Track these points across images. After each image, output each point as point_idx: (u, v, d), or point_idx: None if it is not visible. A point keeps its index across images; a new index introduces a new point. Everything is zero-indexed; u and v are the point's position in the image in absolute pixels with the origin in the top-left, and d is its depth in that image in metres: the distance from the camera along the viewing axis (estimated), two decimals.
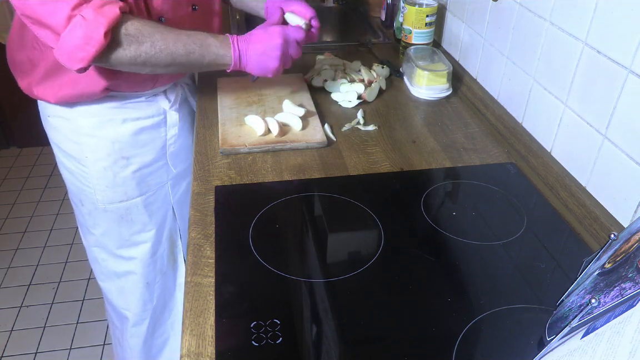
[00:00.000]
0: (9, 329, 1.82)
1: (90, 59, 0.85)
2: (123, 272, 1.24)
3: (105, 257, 1.22)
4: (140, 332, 1.31)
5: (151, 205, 1.19)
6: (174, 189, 1.23)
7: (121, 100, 1.07)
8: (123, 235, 1.19)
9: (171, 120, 1.16)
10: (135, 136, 1.11)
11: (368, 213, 0.89)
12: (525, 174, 1.01)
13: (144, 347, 1.34)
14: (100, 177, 1.10)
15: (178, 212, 1.25)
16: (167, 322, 1.36)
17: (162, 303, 1.31)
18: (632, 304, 0.49)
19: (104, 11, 0.83)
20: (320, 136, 1.07)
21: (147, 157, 1.14)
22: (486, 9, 1.18)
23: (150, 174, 1.16)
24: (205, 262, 0.78)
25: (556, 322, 0.65)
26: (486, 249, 0.83)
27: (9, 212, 2.35)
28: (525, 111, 1.07)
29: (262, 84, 1.26)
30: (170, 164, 1.19)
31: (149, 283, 1.26)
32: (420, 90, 1.26)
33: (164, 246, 1.25)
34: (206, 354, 0.65)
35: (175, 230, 1.27)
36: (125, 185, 1.13)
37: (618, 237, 0.64)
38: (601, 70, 0.83)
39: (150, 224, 1.20)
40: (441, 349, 0.66)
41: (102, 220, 1.16)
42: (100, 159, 1.09)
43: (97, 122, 1.06)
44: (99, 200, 1.13)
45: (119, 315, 1.32)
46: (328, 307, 0.72)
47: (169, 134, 1.17)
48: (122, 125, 1.08)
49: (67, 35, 0.83)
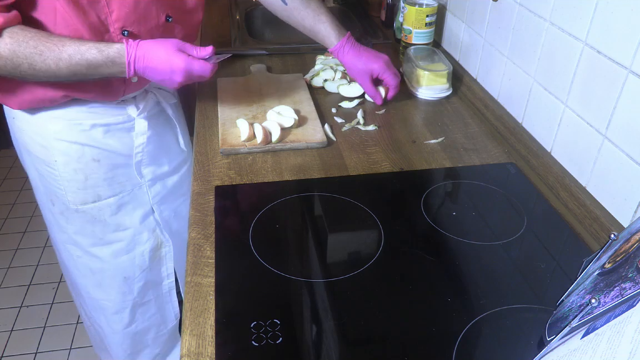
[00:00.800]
0: (9, 329, 1.83)
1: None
2: (98, 269, 1.22)
3: (80, 254, 1.20)
4: (122, 318, 1.30)
5: (126, 205, 1.16)
6: (153, 188, 1.20)
7: (87, 104, 1.03)
8: (97, 234, 1.16)
9: (139, 128, 1.11)
10: (105, 140, 1.07)
11: (368, 213, 0.89)
12: (525, 174, 1.01)
13: (127, 331, 1.33)
14: (71, 180, 1.08)
15: (158, 211, 1.22)
16: (153, 307, 1.33)
17: (145, 294, 1.29)
18: (632, 304, 0.49)
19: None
20: (320, 136, 1.07)
21: (119, 159, 1.11)
22: (486, 9, 1.18)
23: (123, 174, 1.13)
24: (205, 262, 0.78)
25: (556, 322, 0.65)
26: (486, 249, 0.83)
27: (9, 212, 2.35)
28: (525, 111, 1.07)
29: (262, 84, 1.26)
30: (136, 173, 1.15)
31: (126, 278, 1.24)
32: (420, 90, 1.26)
33: (144, 246, 1.22)
34: (206, 354, 0.65)
35: (159, 231, 1.24)
36: (97, 187, 1.10)
37: (618, 237, 0.64)
38: (601, 70, 0.83)
39: (125, 224, 1.18)
40: (441, 349, 0.66)
41: (75, 219, 1.14)
42: (70, 162, 1.06)
43: (65, 126, 1.03)
44: (70, 202, 1.11)
45: (99, 307, 1.29)
46: (328, 307, 0.72)
47: (138, 141, 1.12)
48: (91, 129, 1.05)
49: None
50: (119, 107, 1.07)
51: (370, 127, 1.14)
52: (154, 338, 1.40)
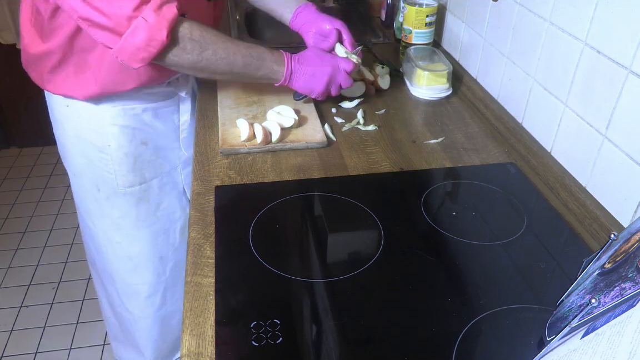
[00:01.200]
0: (9, 329, 1.83)
1: (151, 59, 0.89)
2: (136, 253, 1.29)
3: (119, 240, 1.27)
4: (154, 302, 1.37)
5: (165, 186, 1.25)
6: (185, 170, 1.29)
7: (140, 89, 1.10)
8: (140, 216, 1.24)
9: (184, 106, 1.21)
10: (153, 123, 1.16)
11: (368, 213, 0.89)
12: (525, 174, 1.01)
13: (158, 314, 1.40)
14: (122, 163, 1.15)
15: (189, 192, 1.30)
16: (180, 289, 1.40)
17: (174, 275, 1.37)
18: (632, 304, 0.49)
19: (163, 12, 0.86)
20: (320, 136, 1.07)
21: (163, 141, 1.20)
22: (486, 9, 1.18)
23: (165, 157, 1.23)
24: (205, 262, 0.78)
25: (556, 322, 0.65)
26: (486, 249, 0.83)
27: (9, 212, 2.35)
28: (525, 111, 1.07)
29: (261, 84, 1.26)
30: (183, 148, 1.25)
31: (162, 257, 1.32)
32: (420, 90, 1.26)
33: (176, 224, 1.31)
34: (206, 354, 0.65)
35: (186, 209, 1.34)
36: (143, 169, 1.19)
37: (618, 237, 0.64)
38: (601, 70, 0.83)
39: (163, 204, 1.27)
40: (441, 349, 0.66)
41: (121, 203, 1.21)
42: (122, 146, 1.13)
43: (120, 111, 1.10)
44: (119, 185, 1.18)
45: (132, 292, 1.36)
46: (328, 307, 0.72)
47: (182, 119, 1.22)
48: (142, 113, 1.13)
49: (129, 37, 0.86)
50: (166, 89, 1.15)
51: (370, 127, 1.14)
52: (178, 321, 1.46)
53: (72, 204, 1.33)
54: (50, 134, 1.21)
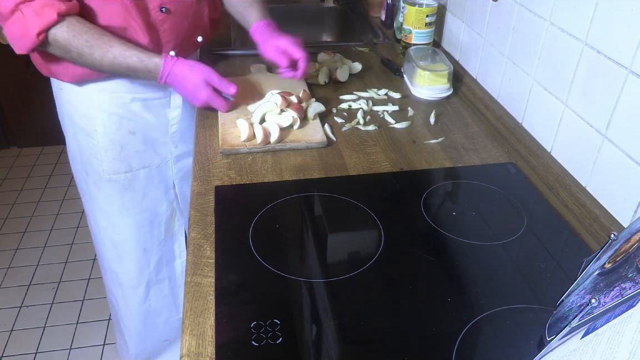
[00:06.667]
0: (9, 329, 1.83)
1: (28, 50, 0.97)
2: (120, 241, 1.31)
3: (104, 226, 1.29)
4: (138, 293, 1.39)
5: (153, 178, 1.27)
6: (177, 165, 1.30)
7: (130, 79, 1.13)
8: (125, 204, 1.26)
9: (175, 102, 1.23)
10: (142, 114, 1.18)
11: (368, 213, 0.89)
12: (525, 174, 1.01)
13: (141, 308, 1.42)
14: (108, 149, 1.18)
15: (179, 187, 1.33)
16: (166, 287, 1.43)
17: (159, 270, 1.39)
18: (632, 304, 0.49)
19: (43, 12, 0.93)
20: (320, 136, 1.07)
21: (154, 134, 1.22)
22: (486, 9, 1.18)
23: (155, 149, 1.24)
24: (205, 262, 0.78)
25: (556, 322, 0.65)
26: (486, 249, 0.83)
27: (9, 212, 2.35)
28: (525, 111, 1.07)
29: (262, 83, 1.26)
30: (172, 143, 1.27)
31: (145, 250, 1.33)
32: (421, 90, 1.26)
33: (161, 217, 1.33)
34: (206, 354, 0.65)
35: (175, 204, 1.35)
36: (130, 158, 1.21)
37: (618, 237, 0.64)
38: (601, 70, 0.83)
39: (149, 195, 1.28)
40: (441, 349, 0.66)
41: (106, 188, 1.23)
42: (108, 132, 1.16)
43: (108, 98, 1.13)
44: (105, 171, 1.20)
45: (117, 281, 1.38)
46: (328, 307, 0.72)
47: (172, 114, 1.24)
48: (131, 103, 1.16)
49: (8, 26, 0.94)
50: (157, 83, 1.16)
51: (370, 127, 1.14)
52: (165, 322, 1.47)
53: (72, 204, 1.35)
54: (50, 134, 1.22)
